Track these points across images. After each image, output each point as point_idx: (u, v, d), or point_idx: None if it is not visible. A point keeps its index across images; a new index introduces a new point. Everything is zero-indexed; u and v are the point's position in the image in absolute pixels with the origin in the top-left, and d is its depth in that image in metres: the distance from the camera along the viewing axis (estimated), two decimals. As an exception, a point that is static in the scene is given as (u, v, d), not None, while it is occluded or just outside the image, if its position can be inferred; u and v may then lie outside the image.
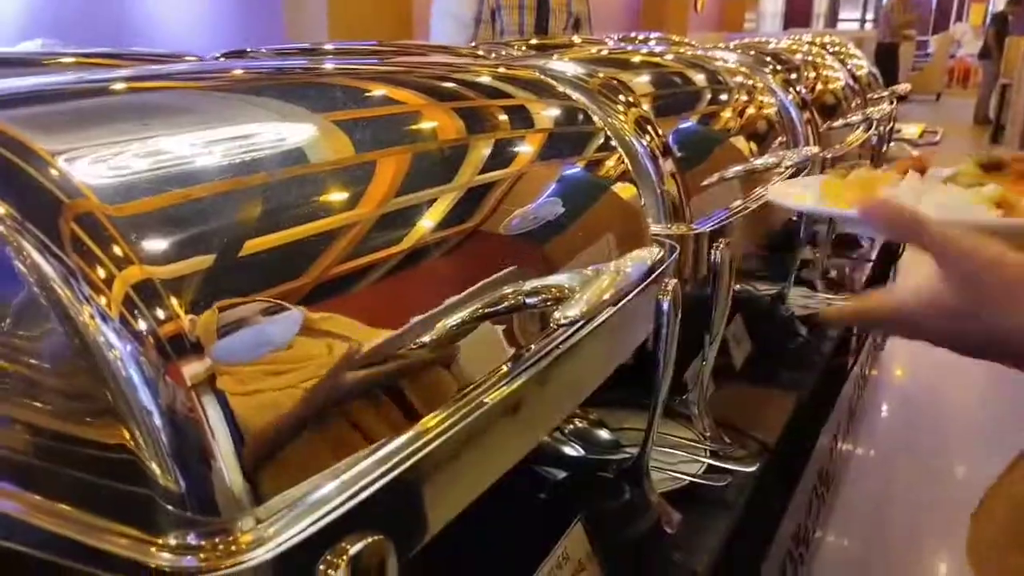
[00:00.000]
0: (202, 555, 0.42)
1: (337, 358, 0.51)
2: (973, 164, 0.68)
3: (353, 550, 0.45)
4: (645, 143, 0.95)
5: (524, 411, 0.65)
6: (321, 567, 0.44)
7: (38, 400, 0.46)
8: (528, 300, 0.60)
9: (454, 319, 0.59)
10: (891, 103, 2.46)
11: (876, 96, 2.45)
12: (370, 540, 0.46)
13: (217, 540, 0.43)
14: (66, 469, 0.46)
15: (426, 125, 0.74)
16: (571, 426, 1.06)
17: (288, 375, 0.48)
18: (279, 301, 0.49)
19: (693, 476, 1.14)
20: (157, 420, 0.43)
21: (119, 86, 0.66)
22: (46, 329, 0.44)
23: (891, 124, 2.53)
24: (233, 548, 0.43)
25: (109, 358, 0.43)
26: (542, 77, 0.99)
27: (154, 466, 0.43)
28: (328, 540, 0.45)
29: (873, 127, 2.10)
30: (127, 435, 0.43)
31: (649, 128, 0.97)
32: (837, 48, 2.53)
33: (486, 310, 0.60)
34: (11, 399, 0.47)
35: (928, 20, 14.92)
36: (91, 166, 0.48)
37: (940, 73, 12.58)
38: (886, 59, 8.51)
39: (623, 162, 0.93)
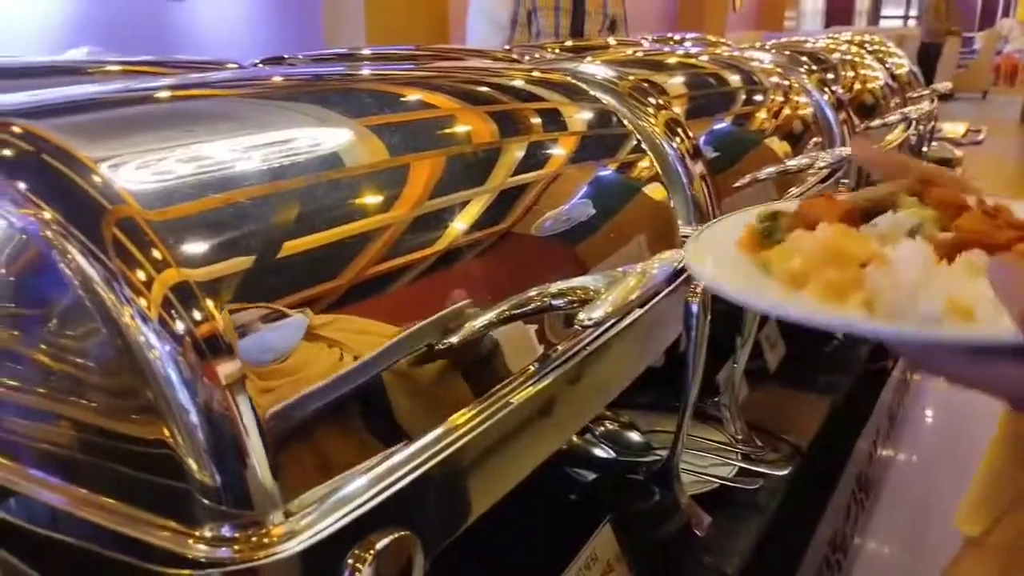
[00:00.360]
0: (236, 547, 0.44)
1: (366, 357, 0.52)
2: (914, 201, 0.54)
3: (380, 544, 0.47)
4: (675, 145, 0.95)
5: (551, 410, 0.66)
6: (349, 561, 0.46)
7: (83, 398, 0.48)
8: (554, 302, 0.61)
9: (482, 320, 0.60)
10: (931, 102, 2.42)
11: (916, 95, 2.42)
12: (397, 535, 0.48)
13: (250, 532, 0.44)
14: (109, 464, 0.48)
15: (456, 130, 0.76)
16: (602, 428, 1.06)
17: (318, 374, 0.49)
18: (279, 307, 0.51)
19: (724, 479, 1.14)
20: (194, 418, 0.44)
21: (160, 95, 0.68)
22: (90, 329, 0.46)
23: (932, 123, 2.49)
24: (265, 540, 0.44)
25: (149, 358, 0.45)
26: (572, 81, 0.99)
27: (191, 462, 0.44)
28: (356, 534, 0.47)
29: (912, 126, 2.07)
30: (166, 432, 0.45)
31: (679, 130, 0.97)
32: (876, 47, 2.49)
33: (513, 311, 0.61)
34: (57, 397, 0.49)
35: (973, 16, 14.60)
36: (132, 172, 0.50)
37: (986, 70, 12.28)
38: (928, 58, 8.34)
39: (652, 164, 0.93)
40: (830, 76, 1.78)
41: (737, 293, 0.50)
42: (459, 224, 0.65)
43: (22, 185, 0.48)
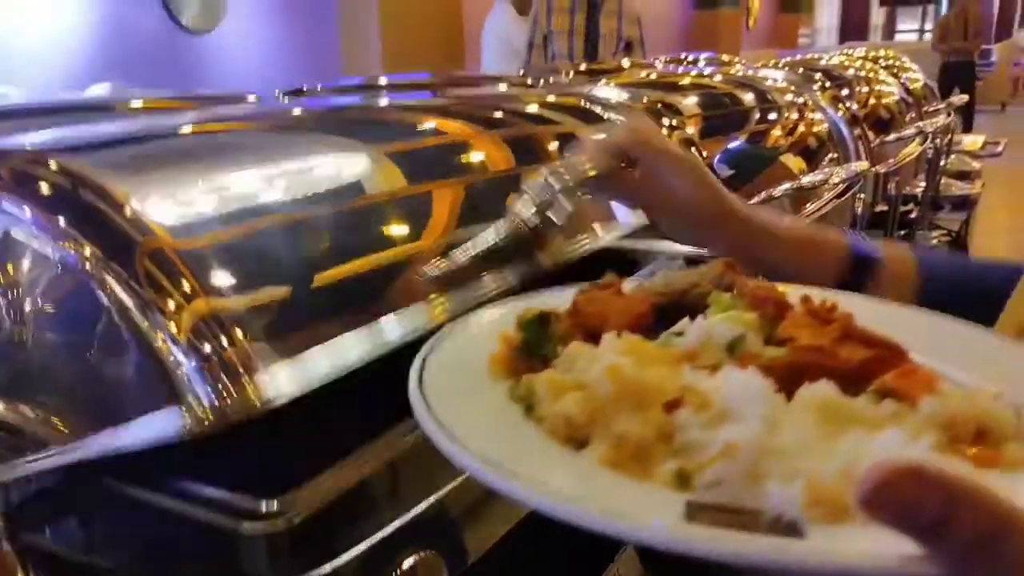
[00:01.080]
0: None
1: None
2: (729, 299, 0.40)
3: (406, 565, 0.48)
4: (689, 166, 0.96)
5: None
6: (376, 581, 0.47)
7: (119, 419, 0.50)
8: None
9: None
10: (948, 115, 2.42)
11: (932, 109, 2.42)
12: (422, 555, 0.49)
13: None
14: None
15: (471, 157, 0.77)
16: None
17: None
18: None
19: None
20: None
21: (186, 130, 0.70)
22: (126, 354, 0.48)
23: (948, 136, 2.49)
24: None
25: (180, 382, 0.46)
26: (587, 105, 1.01)
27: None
28: (382, 555, 0.48)
29: (928, 140, 2.06)
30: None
31: (692, 150, 0.98)
32: (891, 61, 2.50)
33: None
34: (94, 415, 0.51)
35: (990, 28, 14.52)
36: (161, 206, 0.52)
37: (1004, 82, 12.22)
38: (956, 78, 7.95)
39: (667, 185, 0.94)
40: (844, 92, 1.79)
41: (468, 459, 0.32)
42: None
43: (59, 219, 0.50)
